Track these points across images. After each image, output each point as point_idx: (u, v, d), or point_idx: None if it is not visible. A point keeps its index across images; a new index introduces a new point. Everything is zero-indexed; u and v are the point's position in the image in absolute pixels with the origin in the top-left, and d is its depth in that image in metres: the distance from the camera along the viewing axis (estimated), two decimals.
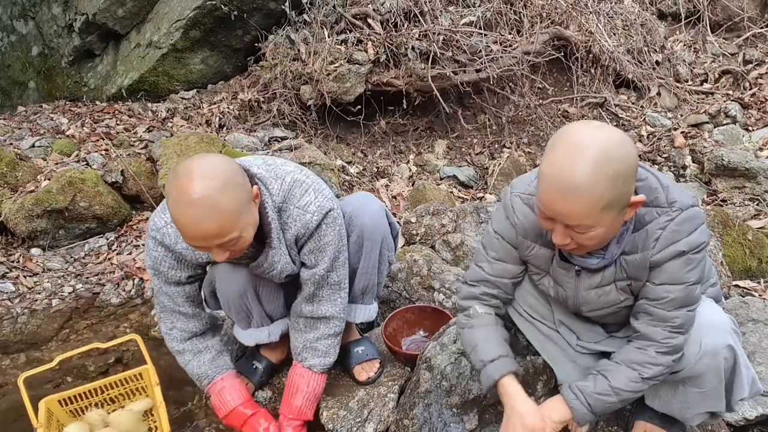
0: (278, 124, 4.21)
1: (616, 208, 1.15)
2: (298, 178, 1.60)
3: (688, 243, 1.22)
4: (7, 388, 2.26)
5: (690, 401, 1.41)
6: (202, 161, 1.36)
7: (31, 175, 3.34)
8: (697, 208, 1.25)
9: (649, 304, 1.30)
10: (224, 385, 1.78)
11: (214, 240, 1.37)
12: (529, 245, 1.43)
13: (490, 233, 1.49)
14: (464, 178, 4.10)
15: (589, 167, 1.09)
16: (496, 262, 1.50)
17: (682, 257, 1.23)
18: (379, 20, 4.24)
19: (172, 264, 1.65)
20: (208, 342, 1.82)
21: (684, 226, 1.22)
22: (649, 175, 1.26)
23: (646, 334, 1.31)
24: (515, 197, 1.41)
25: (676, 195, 1.24)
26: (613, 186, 1.10)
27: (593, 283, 1.37)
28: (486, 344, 1.48)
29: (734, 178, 3.60)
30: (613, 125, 4.45)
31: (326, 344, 1.78)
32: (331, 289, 1.73)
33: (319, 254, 1.65)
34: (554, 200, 1.15)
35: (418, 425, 1.68)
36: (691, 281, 1.25)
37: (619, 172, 1.10)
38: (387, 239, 1.89)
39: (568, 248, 1.26)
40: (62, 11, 5.05)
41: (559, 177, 1.12)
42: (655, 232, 1.24)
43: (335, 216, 1.64)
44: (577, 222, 1.15)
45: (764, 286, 2.51)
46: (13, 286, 2.92)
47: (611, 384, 1.33)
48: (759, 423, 1.73)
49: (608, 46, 4.53)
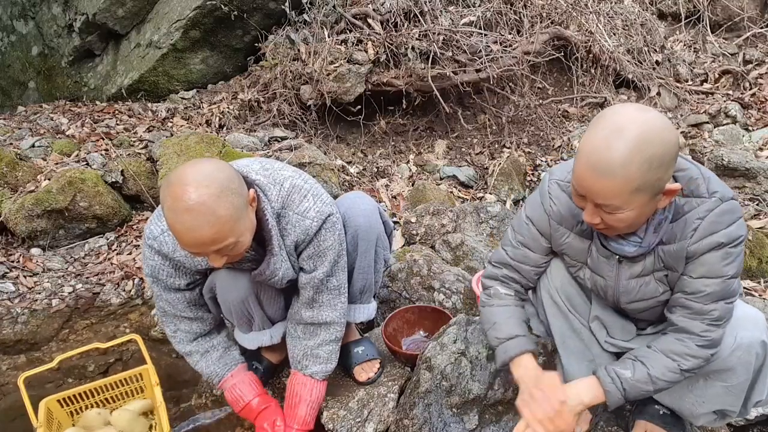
0: (278, 124, 4.21)
1: (648, 193, 1.14)
2: (296, 183, 1.60)
3: (727, 235, 1.21)
4: (7, 388, 2.26)
5: (708, 396, 1.39)
6: (196, 167, 1.35)
7: (31, 175, 3.34)
8: (737, 202, 1.24)
9: (686, 297, 1.29)
10: (235, 381, 1.80)
11: (211, 246, 1.36)
12: (564, 233, 1.41)
13: (522, 218, 1.48)
14: (464, 178, 4.10)
15: (624, 148, 1.09)
16: (520, 248, 1.49)
17: (720, 250, 1.22)
18: (379, 20, 4.24)
19: (170, 272, 1.64)
20: (214, 340, 1.83)
21: (724, 217, 1.21)
22: (691, 166, 1.25)
23: (685, 327, 1.30)
24: (553, 183, 1.40)
25: (718, 186, 1.23)
26: (647, 169, 1.10)
27: (634, 273, 1.35)
28: (505, 322, 1.48)
29: (734, 178, 3.60)
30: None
31: (327, 350, 1.78)
32: (331, 293, 1.72)
33: (319, 259, 1.65)
34: (587, 177, 1.15)
35: (418, 425, 1.68)
36: (729, 275, 1.24)
37: (654, 156, 1.09)
38: (382, 238, 1.88)
39: (597, 227, 1.25)
40: (62, 11, 5.05)
41: (595, 155, 1.12)
42: (693, 221, 1.22)
43: (334, 221, 1.63)
44: (606, 201, 1.15)
45: (764, 286, 2.51)
46: (13, 286, 2.92)
47: (650, 372, 1.32)
48: (759, 423, 1.74)
49: (608, 46, 4.53)
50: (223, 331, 1.88)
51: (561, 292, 1.54)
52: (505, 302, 1.52)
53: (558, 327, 1.58)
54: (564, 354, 1.60)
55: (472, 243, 2.71)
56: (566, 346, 1.59)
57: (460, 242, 2.68)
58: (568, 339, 1.58)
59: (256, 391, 1.81)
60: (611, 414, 1.69)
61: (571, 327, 1.57)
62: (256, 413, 1.78)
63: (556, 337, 1.59)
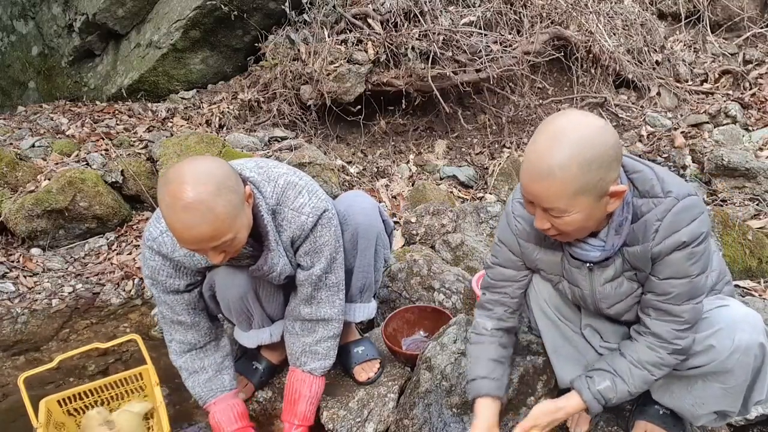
0: (278, 124, 4.21)
1: (591, 195, 1.16)
2: (291, 180, 1.60)
3: (689, 233, 1.22)
4: (7, 388, 2.26)
5: (707, 397, 1.40)
6: (192, 165, 1.35)
7: (31, 175, 3.34)
8: (695, 198, 1.25)
9: (656, 299, 1.31)
10: (216, 409, 1.76)
11: (209, 243, 1.37)
12: (533, 249, 1.45)
13: (495, 240, 1.54)
14: (464, 178, 4.10)
15: (563, 150, 1.12)
16: (497, 268, 1.54)
17: (684, 250, 1.23)
18: (379, 20, 4.24)
19: (170, 273, 1.64)
20: (206, 360, 1.78)
21: (682, 215, 1.22)
22: (645, 168, 1.27)
23: (657, 333, 1.32)
24: (515, 203, 1.44)
25: (672, 185, 1.24)
26: (587, 170, 1.12)
27: (607, 277, 1.37)
28: (474, 362, 1.56)
29: (734, 178, 3.59)
30: (613, 125, 4.46)
31: (325, 347, 1.78)
32: (330, 290, 1.73)
33: (316, 255, 1.65)
34: (530, 182, 1.18)
35: (418, 425, 1.68)
36: (695, 274, 1.26)
37: (593, 158, 1.12)
38: (382, 236, 1.89)
39: (549, 233, 1.27)
40: (62, 11, 5.05)
41: (536, 159, 1.16)
42: (653, 223, 1.24)
43: (330, 216, 1.64)
44: (551, 205, 1.18)
45: (764, 286, 2.51)
46: (13, 286, 2.92)
47: (629, 389, 1.37)
48: (759, 423, 1.74)
49: (608, 46, 4.53)
50: (219, 350, 1.82)
51: (550, 303, 1.57)
52: (481, 339, 1.57)
53: (549, 337, 1.61)
54: (557, 361, 1.62)
55: (472, 243, 2.71)
56: (558, 354, 1.61)
57: (460, 242, 2.68)
58: (560, 347, 1.61)
59: (236, 424, 1.76)
60: (611, 414, 1.69)
61: (562, 336, 1.59)
62: None
63: (548, 346, 1.62)
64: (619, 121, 4.50)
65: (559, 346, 1.60)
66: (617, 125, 4.48)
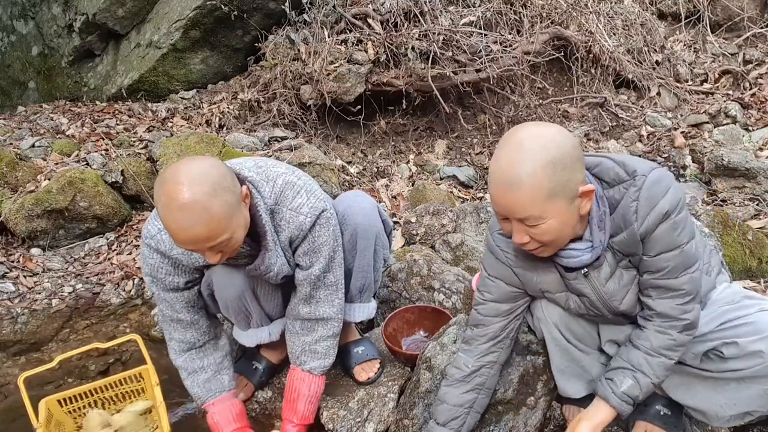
0: (278, 124, 4.21)
1: (563, 198, 1.17)
2: (289, 179, 1.60)
3: (668, 202, 1.22)
4: (7, 388, 2.26)
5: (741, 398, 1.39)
6: (189, 165, 1.36)
7: (31, 175, 3.34)
8: (661, 169, 1.26)
9: (653, 277, 1.31)
10: (215, 410, 1.77)
11: (205, 243, 1.37)
12: (531, 276, 1.44)
13: (485, 277, 1.52)
14: (464, 178, 4.10)
15: (526, 158, 1.14)
16: (489, 303, 1.53)
17: (668, 221, 1.23)
18: (379, 20, 4.24)
19: (168, 270, 1.64)
20: (205, 360, 1.79)
21: (654, 188, 1.23)
22: (603, 159, 1.29)
23: (662, 311, 1.33)
24: (496, 236, 1.45)
25: (635, 164, 1.26)
26: (552, 172, 1.14)
27: (605, 275, 1.36)
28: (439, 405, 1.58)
29: (734, 178, 3.59)
30: (612, 125, 4.47)
31: (325, 346, 1.78)
32: (329, 289, 1.73)
33: (314, 255, 1.65)
34: (500, 195, 1.19)
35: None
36: (685, 242, 1.26)
37: (555, 159, 1.14)
38: (381, 236, 1.88)
39: (530, 248, 1.27)
40: (62, 11, 5.05)
41: (501, 172, 1.17)
42: (630, 205, 1.25)
43: (328, 216, 1.63)
44: (525, 214, 1.18)
45: (764, 286, 2.51)
46: (13, 286, 2.92)
47: (653, 381, 1.37)
48: (759, 423, 1.73)
49: (608, 46, 4.53)
50: (218, 350, 1.83)
51: (561, 326, 1.56)
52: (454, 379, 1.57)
53: (556, 359, 1.62)
54: (561, 378, 1.63)
55: (472, 243, 2.71)
56: (563, 373, 1.62)
57: (460, 242, 2.68)
58: (566, 368, 1.62)
59: (234, 425, 1.77)
60: None
61: (570, 358, 1.60)
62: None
63: (554, 366, 1.63)
64: (619, 121, 4.50)
65: (565, 366, 1.61)
66: (617, 125, 4.48)
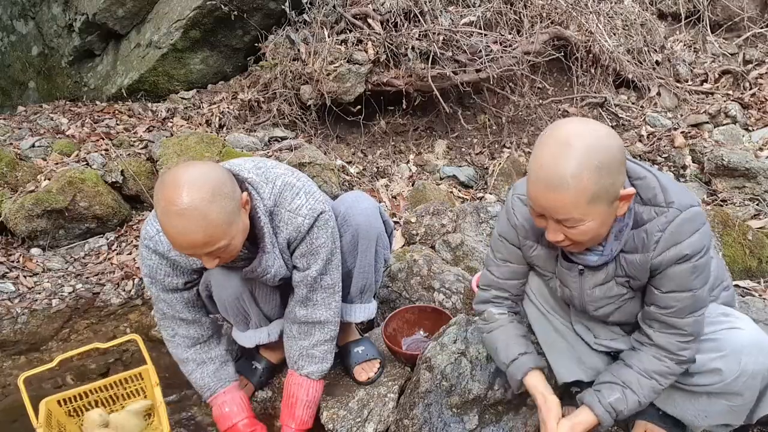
0: (278, 124, 4.21)
1: (604, 201, 1.15)
2: (288, 181, 1.60)
3: (691, 245, 1.21)
4: (7, 388, 2.26)
5: (711, 412, 1.40)
6: (189, 170, 1.35)
7: (31, 175, 3.34)
8: (698, 209, 1.24)
9: (659, 312, 1.31)
10: (225, 399, 1.78)
11: (203, 249, 1.37)
12: (531, 245, 1.44)
13: (495, 236, 1.52)
14: (464, 178, 4.10)
15: (572, 159, 1.11)
16: (503, 264, 1.52)
17: (686, 263, 1.22)
18: (379, 20, 4.24)
19: (167, 271, 1.65)
20: (212, 352, 1.82)
21: (684, 227, 1.21)
22: (648, 174, 1.26)
23: (662, 345, 1.33)
24: (515, 198, 1.43)
25: (675, 195, 1.23)
26: (598, 176, 1.11)
27: (597, 281, 1.37)
28: (505, 345, 1.51)
29: (734, 178, 3.59)
30: (612, 125, 4.47)
31: (322, 350, 1.77)
32: (326, 292, 1.72)
33: (312, 257, 1.65)
34: (541, 194, 1.16)
35: (418, 425, 1.68)
36: (698, 287, 1.26)
37: (603, 163, 1.11)
38: (382, 237, 1.88)
39: (562, 245, 1.26)
40: (62, 11, 5.05)
41: (545, 171, 1.14)
42: (654, 234, 1.23)
43: (327, 218, 1.63)
44: (566, 216, 1.16)
45: (764, 286, 2.51)
46: (13, 286, 2.92)
47: (640, 400, 1.36)
48: (759, 423, 1.73)
49: (608, 46, 4.53)
50: (221, 343, 1.86)
51: (539, 295, 1.57)
52: (500, 323, 1.55)
53: (541, 329, 1.61)
54: (551, 355, 1.62)
55: (472, 243, 2.71)
56: (552, 347, 1.61)
57: (460, 242, 2.68)
58: (553, 340, 1.60)
59: (245, 413, 1.79)
60: None
61: (554, 328, 1.59)
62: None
63: (540, 338, 1.62)
64: (619, 121, 4.50)
65: (552, 340, 1.60)
66: (617, 125, 4.48)
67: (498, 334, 1.54)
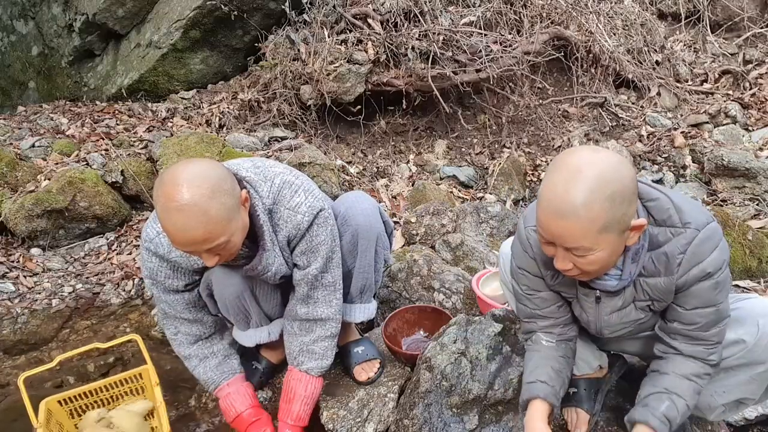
0: (278, 124, 4.21)
1: (615, 231, 1.14)
2: (287, 179, 1.60)
3: (712, 263, 1.22)
4: (7, 388, 2.26)
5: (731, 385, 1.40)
6: (188, 167, 1.36)
7: (31, 175, 3.34)
8: (714, 225, 1.24)
9: (684, 328, 1.31)
10: (230, 390, 1.79)
11: (202, 245, 1.37)
12: (554, 274, 1.42)
13: (515, 269, 1.49)
14: (464, 178, 4.10)
15: (584, 188, 1.10)
16: (534, 295, 1.49)
17: (709, 280, 1.23)
18: (379, 20, 4.24)
19: (168, 273, 1.65)
20: (215, 347, 1.82)
21: (704, 246, 1.22)
22: (661, 195, 1.25)
23: (691, 354, 1.33)
24: (530, 231, 1.40)
25: (690, 215, 1.23)
26: (609, 206, 1.11)
27: (614, 307, 1.36)
28: (534, 367, 1.50)
29: (734, 178, 3.60)
30: (612, 125, 4.47)
31: (323, 347, 1.78)
32: (326, 290, 1.72)
33: (312, 255, 1.65)
34: (551, 222, 1.15)
35: (418, 425, 1.68)
36: (721, 301, 1.26)
37: (615, 193, 1.11)
38: (382, 237, 1.88)
39: (570, 274, 1.25)
40: (62, 11, 5.05)
41: (556, 199, 1.13)
42: (676, 256, 1.23)
43: (326, 216, 1.63)
44: (575, 244, 1.15)
45: (764, 286, 2.51)
46: (13, 286, 2.92)
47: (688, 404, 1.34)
48: (759, 423, 1.74)
49: (608, 46, 4.53)
50: (225, 338, 1.87)
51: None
52: (538, 348, 1.52)
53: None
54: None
55: (472, 243, 2.71)
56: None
57: (460, 242, 2.68)
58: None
59: (250, 402, 1.80)
60: (611, 414, 1.69)
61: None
62: (246, 424, 1.77)
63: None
64: (619, 121, 4.50)
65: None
66: (617, 125, 4.48)
67: (534, 356, 1.52)
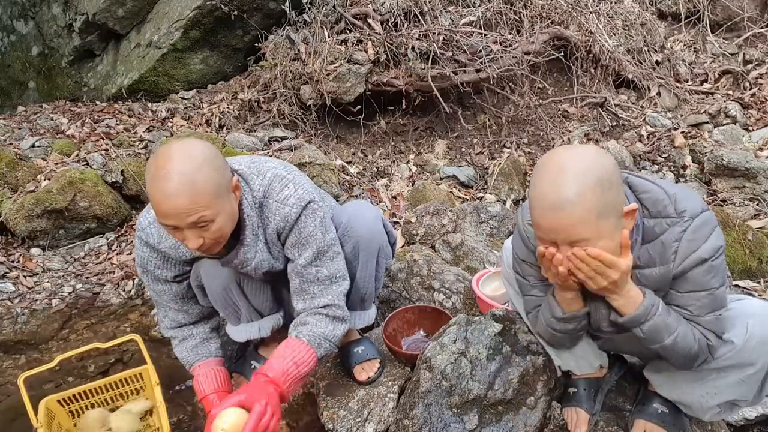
0: (278, 124, 4.21)
1: (611, 216, 1.16)
2: (278, 173, 1.60)
3: (708, 250, 1.22)
4: (7, 388, 2.26)
5: (722, 387, 1.39)
6: (182, 142, 1.39)
7: (31, 175, 3.34)
8: (708, 212, 1.25)
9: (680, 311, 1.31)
10: (199, 372, 1.81)
11: (186, 217, 1.35)
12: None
13: (520, 262, 1.49)
14: (464, 178, 4.10)
15: (573, 181, 1.13)
16: (540, 284, 1.49)
17: (703, 265, 1.23)
18: (379, 20, 4.24)
19: (158, 263, 1.68)
20: (194, 330, 1.85)
21: (699, 233, 1.22)
22: (654, 187, 1.26)
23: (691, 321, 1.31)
24: (527, 225, 1.41)
25: (685, 203, 1.24)
26: (601, 192, 1.13)
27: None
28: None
29: (734, 178, 3.60)
30: (612, 125, 4.47)
31: (318, 319, 1.70)
32: (322, 284, 1.68)
33: (301, 246, 1.63)
34: (547, 219, 1.17)
35: (418, 425, 1.68)
36: (716, 286, 1.26)
37: (602, 179, 1.13)
38: (384, 248, 1.88)
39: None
40: (62, 11, 5.05)
41: (548, 198, 1.15)
42: (671, 245, 1.24)
43: (315, 208, 1.61)
44: (577, 237, 1.16)
45: (764, 286, 2.51)
46: (13, 286, 2.92)
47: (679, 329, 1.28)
48: (759, 423, 1.74)
49: (608, 46, 4.53)
50: (209, 323, 1.89)
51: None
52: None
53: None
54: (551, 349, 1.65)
55: (472, 243, 2.71)
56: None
57: (460, 242, 2.68)
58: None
59: (216, 386, 1.79)
60: (611, 414, 1.69)
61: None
62: (211, 406, 1.76)
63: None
64: (619, 121, 4.50)
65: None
66: (617, 125, 4.48)
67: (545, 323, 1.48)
